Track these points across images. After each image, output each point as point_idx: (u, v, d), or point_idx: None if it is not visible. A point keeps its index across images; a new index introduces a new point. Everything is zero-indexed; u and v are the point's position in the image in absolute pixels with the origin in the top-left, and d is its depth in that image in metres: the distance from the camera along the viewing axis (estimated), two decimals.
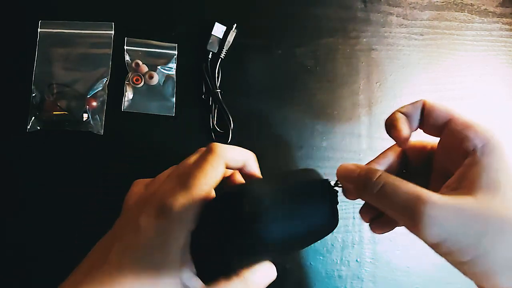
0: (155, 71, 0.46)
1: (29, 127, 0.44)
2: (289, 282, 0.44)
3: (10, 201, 0.44)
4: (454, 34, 0.51)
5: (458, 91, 0.50)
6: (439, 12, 0.52)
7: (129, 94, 0.46)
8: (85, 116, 0.45)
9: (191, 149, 0.46)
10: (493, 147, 0.23)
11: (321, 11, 0.50)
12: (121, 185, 0.46)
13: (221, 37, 0.47)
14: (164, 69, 0.47)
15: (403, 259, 0.46)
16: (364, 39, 0.50)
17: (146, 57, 0.47)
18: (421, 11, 0.51)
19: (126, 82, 0.46)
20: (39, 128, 0.45)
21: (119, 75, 0.46)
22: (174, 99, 0.46)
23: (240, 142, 0.46)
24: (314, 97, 0.48)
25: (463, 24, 0.52)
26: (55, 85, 0.45)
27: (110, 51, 0.46)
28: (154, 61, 0.47)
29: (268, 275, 0.29)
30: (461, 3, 0.52)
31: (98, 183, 0.45)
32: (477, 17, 0.52)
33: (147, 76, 0.46)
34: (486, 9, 0.52)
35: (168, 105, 0.46)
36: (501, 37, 0.52)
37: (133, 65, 0.46)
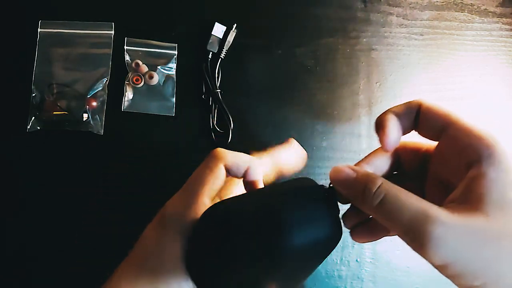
0: (155, 71, 0.46)
1: (29, 127, 0.44)
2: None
3: (10, 201, 0.44)
4: (454, 34, 0.51)
5: (458, 91, 0.50)
6: (439, 12, 0.51)
7: (129, 94, 0.46)
8: (85, 116, 0.45)
9: (191, 149, 0.47)
10: (499, 157, 0.21)
11: (321, 11, 0.50)
12: (121, 185, 0.46)
13: (221, 37, 0.47)
14: (164, 69, 0.47)
15: (403, 259, 0.46)
16: (364, 39, 0.50)
17: (146, 57, 0.47)
18: (421, 11, 0.51)
19: (126, 82, 0.46)
20: (39, 128, 0.45)
21: (119, 75, 0.46)
22: (174, 99, 0.46)
23: (240, 142, 0.47)
24: (314, 97, 0.48)
25: (463, 24, 0.52)
26: (55, 85, 0.45)
27: (110, 51, 0.46)
28: (154, 61, 0.47)
29: None
30: (461, 3, 0.52)
31: (98, 183, 0.45)
32: (477, 17, 0.52)
33: (147, 76, 0.46)
34: (486, 9, 0.52)
35: (168, 105, 0.46)
36: (501, 37, 0.52)
37: (133, 65, 0.46)
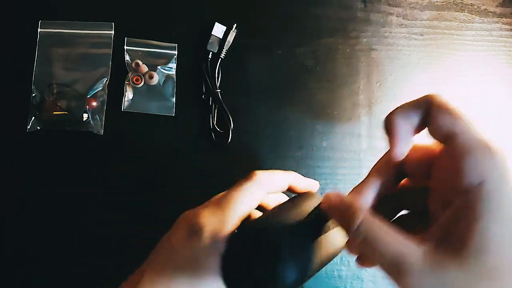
0: (155, 71, 0.46)
1: (29, 127, 0.44)
2: None
3: (10, 201, 0.44)
4: (454, 34, 0.51)
5: (458, 91, 0.50)
6: (439, 12, 0.51)
7: (129, 94, 0.46)
8: (85, 116, 0.45)
9: (191, 149, 0.47)
10: (492, 187, 0.18)
11: (321, 11, 0.50)
12: (121, 185, 0.46)
13: (221, 37, 0.47)
14: (164, 69, 0.47)
15: None
16: (364, 39, 0.50)
17: (146, 57, 0.47)
18: (421, 11, 0.51)
19: (126, 82, 0.46)
20: (39, 128, 0.45)
21: (119, 75, 0.46)
22: (174, 99, 0.46)
23: (240, 142, 0.47)
24: (314, 97, 0.48)
25: (463, 24, 0.52)
26: (55, 85, 0.45)
27: (110, 51, 0.46)
28: (154, 61, 0.47)
29: None
30: (461, 3, 0.52)
31: (98, 183, 0.45)
32: (477, 17, 0.52)
33: (147, 76, 0.46)
34: (486, 9, 0.52)
35: (168, 105, 0.46)
36: (501, 37, 0.52)
37: (133, 65, 0.46)
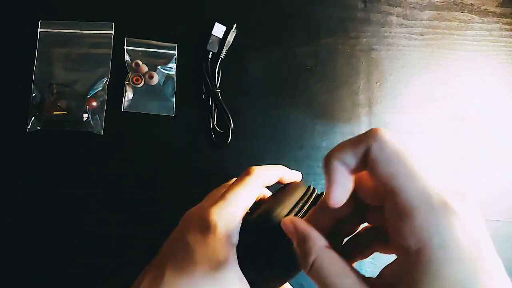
0: (155, 71, 0.46)
1: (29, 127, 0.44)
2: (289, 282, 0.44)
3: (10, 201, 0.44)
4: (454, 34, 0.51)
5: (458, 91, 0.50)
6: (439, 12, 0.51)
7: (129, 94, 0.46)
8: (85, 116, 0.45)
9: (191, 149, 0.47)
10: (432, 254, 0.18)
11: (321, 11, 0.50)
12: (121, 185, 0.46)
13: (221, 37, 0.47)
14: (164, 69, 0.47)
15: None
16: (364, 39, 0.50)
17: (146, 57, 0.47)
18: (421, 11, 0.51)
19: (126, 82, 0.46)
20: (39, 128, 0.45)
21: (119, 75, 0.46)
22: (174, 99, 0.46)
23: (240, 142, 0.47)
24: (314, 97, 0.48)
25: (463, 24, 0.52)
26: (55, 85, 0.45)
27: (110, 51, 0.46)
28: (154, 61, 0.47)
29: None
30: (461, 3, 0.52)
31: (98, 183, 0.45)
32: (477, 17, 0.52)
33: (147, 76, 0.46)
34: (486, 9, 0.52)
35: (168, 105, 0.46)
36: (501, 37, 0.52)
37: (133, 65, 0.46)
